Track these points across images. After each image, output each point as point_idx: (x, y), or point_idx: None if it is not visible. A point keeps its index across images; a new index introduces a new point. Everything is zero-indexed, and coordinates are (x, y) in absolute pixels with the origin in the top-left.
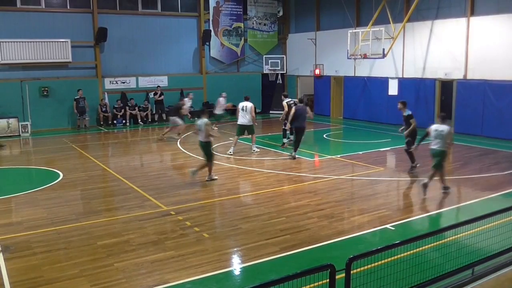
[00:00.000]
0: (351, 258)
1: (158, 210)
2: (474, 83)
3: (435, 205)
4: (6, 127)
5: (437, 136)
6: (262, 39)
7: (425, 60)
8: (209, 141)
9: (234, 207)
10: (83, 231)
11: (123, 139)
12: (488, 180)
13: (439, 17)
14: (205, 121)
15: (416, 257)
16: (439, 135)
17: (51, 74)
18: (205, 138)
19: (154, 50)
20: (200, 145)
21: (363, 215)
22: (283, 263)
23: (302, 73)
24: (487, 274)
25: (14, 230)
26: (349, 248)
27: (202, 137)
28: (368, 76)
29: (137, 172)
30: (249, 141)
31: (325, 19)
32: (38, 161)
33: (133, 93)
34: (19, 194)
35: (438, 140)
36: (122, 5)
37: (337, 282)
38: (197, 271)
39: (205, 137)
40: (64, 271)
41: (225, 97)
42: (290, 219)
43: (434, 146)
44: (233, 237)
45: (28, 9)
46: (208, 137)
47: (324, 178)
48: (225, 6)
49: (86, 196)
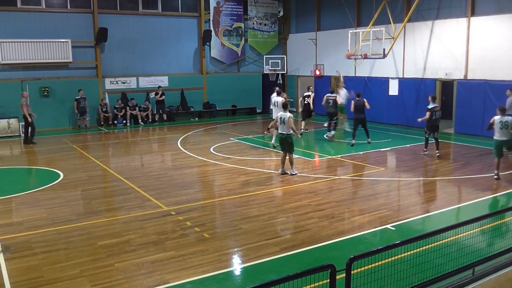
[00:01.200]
0: (351, 258)
1: (159, 210)
2: (475, 83)
3: (436, 205)
4: (7, 127)
5: (503, 127)
6: (262, 39)
7: (426, 60)
8: (291, 133)
9: (234, 207)
10: (83, 231)
11: (123, 139)
12: (488, 180)
13: (440, 17)
14: (289, 114)
15: (417, 257)
16: (505, 125)
17: (51, 74)
18: (288, 131)
19: (154, 50)
20: (282, 137)
21: (364, 215)
22: (283, 263)
23: (302, 73)
24: (487, 274)
25: (15, 230)
26: (350, 248)
27: (284, 130)
28: (369, 76)
29: (138, 172)
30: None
31: (326, 19)
32: (39, 161)
33: (134, 93)
34: (20, 194)
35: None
36: (123, 5)
37: (338, 282)
38: (198, 271)
39: (287, 129)
40: (65, 271)
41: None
42: (291, 219)
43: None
44: (234, 237)
45: (29, 9)
46: (290, 130)
47: (325, 178)
48: (225, 6)
49: (87, 196)
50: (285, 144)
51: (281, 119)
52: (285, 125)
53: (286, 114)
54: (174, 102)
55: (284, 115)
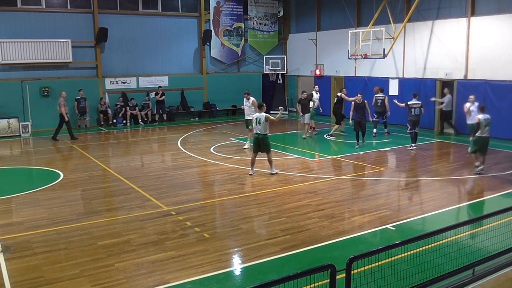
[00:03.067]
0: (351, 258)
1: (159, 210)
2: (475, 83)
3: (436, 205)
4: (7, 127)
5: (487, 124)
6: (262, 39)
7: (426, 60)
8: (266, 134)
9: (234, 207)
10: (83, 231)
11: (123, 139)
12: (488, 180)
13: (440, 17)
14: (265, 114)
15: (417, 257)
16: (489, 123)
17: (51, 74)
18: (263, 131)
19: (154, 50)
20: (258, 138)
21: (364, 215)
22: (283, 263)
23: (302, 73)
24: (487, 274)
25: (15, 230)
26: (350, 248)
27: (260, 130)
28: (369, 76)
29: (138, 172)
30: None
31: (326, 19)
32: (39, 161)
33: (134, 93)
34: (20, 194)
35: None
36: (123, 5)
37: (338, 282)
38: (198, 271)
39: (263, 130)
40: (65, 271)
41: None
42: (291, 219)
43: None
44: (234, 237)
45: (29, 9)
46: (265, 130)
47: (325, 178)
48: (225, 6)
49: (87, 196)
50: (260, 145)
51: (257, 120)
52: (261, 126)
53: (262, 115)
54: (174, 102)
55: (260, 115)
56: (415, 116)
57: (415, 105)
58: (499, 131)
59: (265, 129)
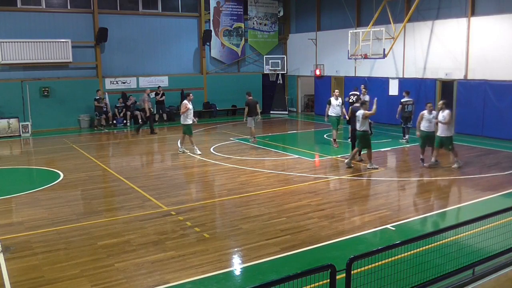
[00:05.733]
0: (351, 258)
1: (159, 210)
2: (475, 83)
3: (436, 205)
4: (7, 127)
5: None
6: (262, 39)
7: (426, 60)
8: (366, 130)
9: (234, 207)
10: (83, 231)
11: (123, 139)
12: (488, 180)
13: (440, 17)
14: (363, 112)
15: (417, 257)
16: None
17: (51, 74)
18: (362, 127)
19: (154, 50)
20: (357, 134)
21: (364, 215)
22: (283, 263)
23: (302, 73)
24: (487, 274)
25: (15, 230)
26: (350, 248)
27: (359, 127)
28: (369, 76)
29: (138, 172)
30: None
31: (326, 19)
32: (39, 161)
33: (134, 93)
34: (20, 194)
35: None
36: (123, 5)
37: (338, 283)
38: (198, 271)
39: (362, 126)
40: (65, 271)
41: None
42: (291, 219)
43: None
44: (234, 237)
45: (29, 9)
46: (364, 126)
47: (325, 178)
48: (225, 6)
49: (87, 197)
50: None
51: (357, 117)
52: (360, 123)
53: (361, 112)
54: (174, 102)
55: (359, 113)
56: (408, 113)
57: (408, 102)
58: (499, 131)
59: (363, 125)
